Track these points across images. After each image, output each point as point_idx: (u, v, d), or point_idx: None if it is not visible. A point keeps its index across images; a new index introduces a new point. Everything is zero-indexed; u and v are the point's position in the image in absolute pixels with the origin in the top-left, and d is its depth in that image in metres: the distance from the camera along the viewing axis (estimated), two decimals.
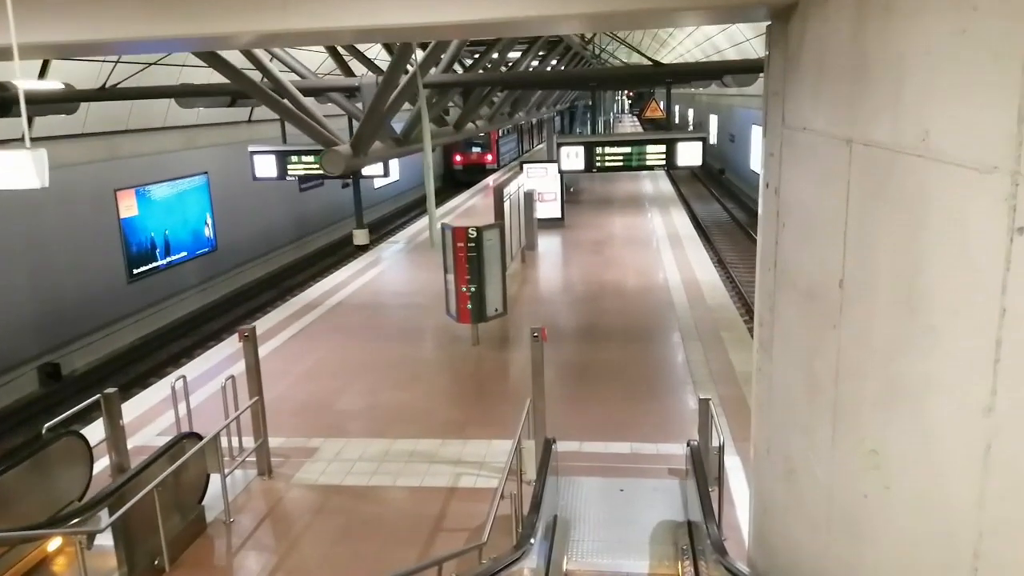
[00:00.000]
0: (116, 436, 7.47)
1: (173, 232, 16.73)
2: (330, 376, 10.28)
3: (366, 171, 11.44)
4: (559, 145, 11.08)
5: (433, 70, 7.29)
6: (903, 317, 2.12)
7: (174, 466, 6.12)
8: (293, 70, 7.35)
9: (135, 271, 15.49)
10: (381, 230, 26.75)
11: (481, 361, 10.87)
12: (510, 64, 12.20)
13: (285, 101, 6.37)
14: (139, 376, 13.72)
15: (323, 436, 8.41)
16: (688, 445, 6.51)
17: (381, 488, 7.29)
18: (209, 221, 18.18)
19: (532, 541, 4.68)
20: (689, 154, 10.77)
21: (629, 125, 56.12)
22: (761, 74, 9.61)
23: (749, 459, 7.49)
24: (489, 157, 38.67)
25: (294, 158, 11.44)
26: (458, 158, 38.98)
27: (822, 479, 2.96)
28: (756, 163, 30.49)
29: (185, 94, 7.96)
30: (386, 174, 11.35)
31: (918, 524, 2.04)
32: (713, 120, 43.20)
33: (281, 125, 11.80)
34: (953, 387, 1.84)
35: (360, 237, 7.15)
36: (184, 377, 8.06)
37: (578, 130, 40.60)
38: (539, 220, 18.99)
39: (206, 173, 17.86)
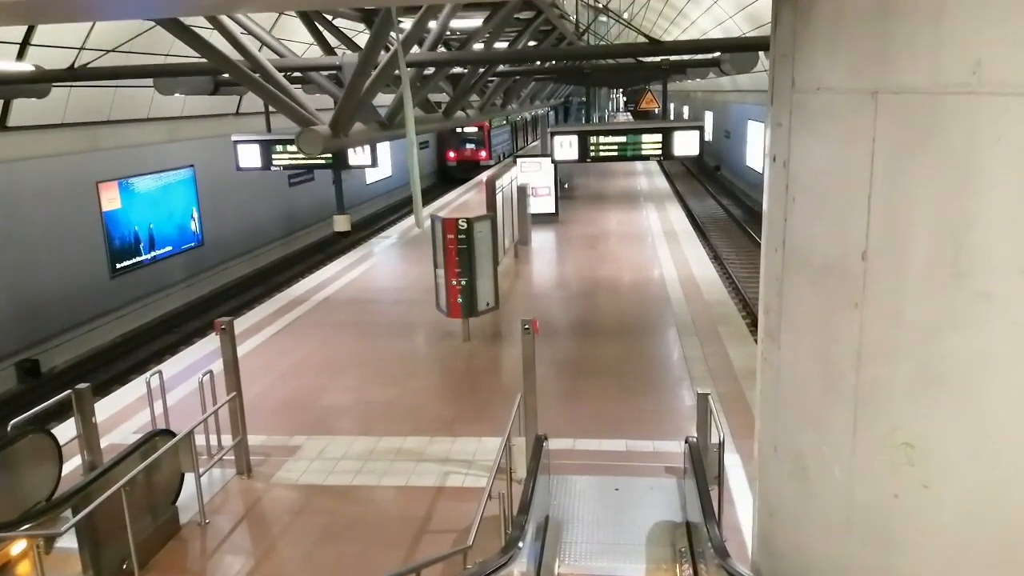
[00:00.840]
0: (89, 434, 7.14)
1: (158, 226, 16.35)
2: (315, 372, 9.96)
3: (353, 160, 11.10)
4: (552, 134, 10.77)
5: (418, 50, 6.97)
6: (947, 285, 1.82)
7: (143, 465, 5.79)
8: (271, 48, 7.02)
9: (118, 266, 15.11)
10: (373, 226, 26.41)
11: (472, 357, 10.56)
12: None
13: (265, 82, 6.03)
14: (121, 373, 13.36)
15: (306, 434, 8.08)
16: (686, 442, 6.21)
17: (365, 488, 6.97)
18: (195, 215, 17.81)
19: (521, 544, 4.36)
20: (686, 144, 10.48)
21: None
22: (762, 53, 9.29)
23: (751, 457, 7.20)
24: (483, 154, 38.30)
25: (279, 147, 11.09)
26: (451, 154, 38.62)
27: (840, 477, 2.65)
28: (752, 159, 30.25)
29: (158, 74, 7.61)
30: (374, 164, 10.99)
31: (969, 530, 1.74)
32: (708, 116, 42.96)
33: (265, 115, 11.47)
34: (1015, 365, 1.54)
35: (341, 223, 6.81)
36: (160, 372, 7.72)
37: None
38: (533, 215, 18.68)
39: (192, 166, 17.49)
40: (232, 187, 19.03)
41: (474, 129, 37.55)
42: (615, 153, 10.62)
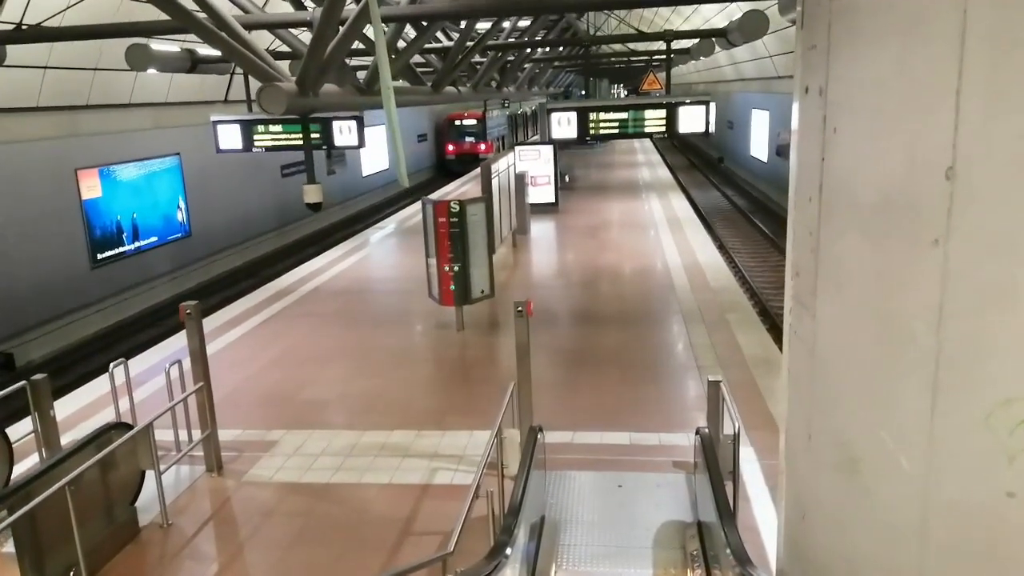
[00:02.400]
0: (46, 429, 6.60)
1: (142, 216, 15.74)
2: (299, 364, 9.37)
3: (339, 140, 10.53)
4: (549, 111, 10.21)
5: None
6: None
7: (90, 461, 5.20)
8: (236, 4, 6.42)
9: (99, 256, 14.51)
10: (369, 219, 25.82)
11: (465, 347, 9.98)
12: (491, 28, 11.13)
13: (228, 37, 5.44)
14: (101, 368, 12.76)
15: (284, 428, 7.50)
16: (697, 433, 5.62)
17: (345, 486, 6.38)
18: (182, 205, 17.21)
19: (508, 551, 3.78)
20: (692, 120, 9.94)
21: None
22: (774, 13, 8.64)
23: (766, 449, 6.64)
24: (482, 147, 37.67)
25: (260, 127, 10.56)
26: (450, 147, 38.02)
27: (910, 470, 2.06)
28: (756, 149, 29.63)
29: (119, 34, 7.01)
30: (361, 144, 10.41)
31: None
32: (711, 108, 42.28)
33: (247, 94, 10.91)
34: None
35: (311, 194, 6.21)
36: (125, 362, 7.13)
37: None
38: (532, 205, 18.09)
39: (178, 154, 16.88)
40: (221, 177, 18.45)
41: (473, 121, 36.96)
42: (616, 130, 10.06)
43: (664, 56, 11.26)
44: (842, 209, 2.62)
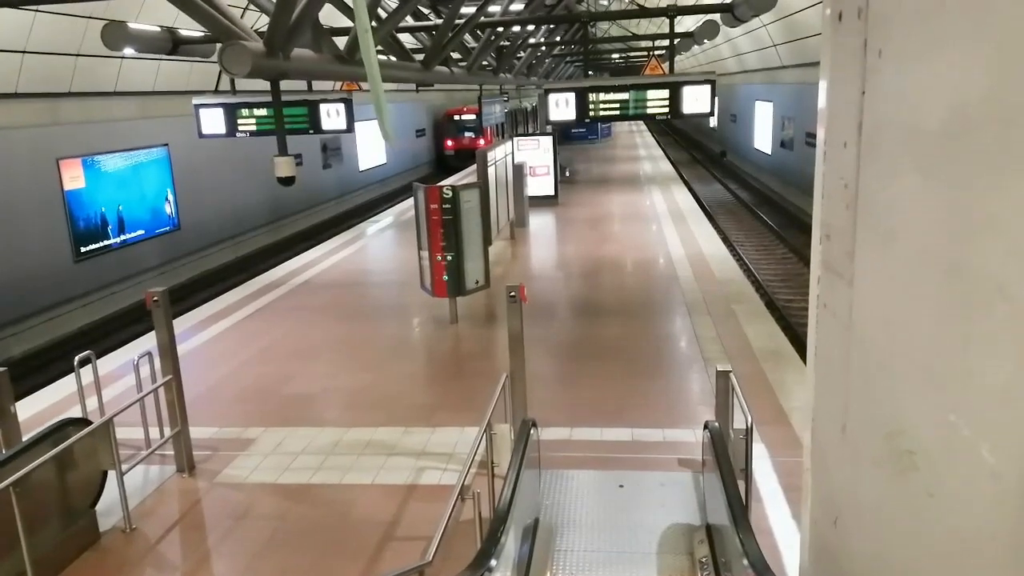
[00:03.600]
0: (7, 427, 6.15)
1: (128, 208, 15.26)
2: (284, 358, 8.92)
3: (327, 124, 10.11)
4: (546, 92, 9.75)
5: None
6: None
7: (38, 461, 4.74)
8: None
9: (83, 249, 14.04)
10: (366, 215, 25.37)
11: (458, 340, 9.52)
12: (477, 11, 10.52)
13: None
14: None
15: (263, 425, 7.04)
16: (706, 428, 5.15)
17: (324, 486, 5.93)
18: (170, 198, 16.73)
19: (493, 562, 3.31)
20: (696, 100, 9.48)
21: None
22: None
23: (777, 445, 6.19)
24: (482, 142, 37.18)
25: (244, 111, 10.16)
26: (449, 143, 37.56)
27: (996, 462, 1.59)
28: (760, 142, 29.13)
29: None
30: (349, 129, 9.97)
31: None
32: (715, 88, 41.68)
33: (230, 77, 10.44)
34: None
35: (282, 167, 5.76)
36: (91, 354, 6.67)
37: None
38: (531, 198, 17.62)
39: (166, 145, 16.41)
40: (212, 169, 17.98)
41: (471, 117, 36.50)
42: (617, 112, 9.60)
43: (667, 43, 10.82)
44: (892, 147, 2.12)
